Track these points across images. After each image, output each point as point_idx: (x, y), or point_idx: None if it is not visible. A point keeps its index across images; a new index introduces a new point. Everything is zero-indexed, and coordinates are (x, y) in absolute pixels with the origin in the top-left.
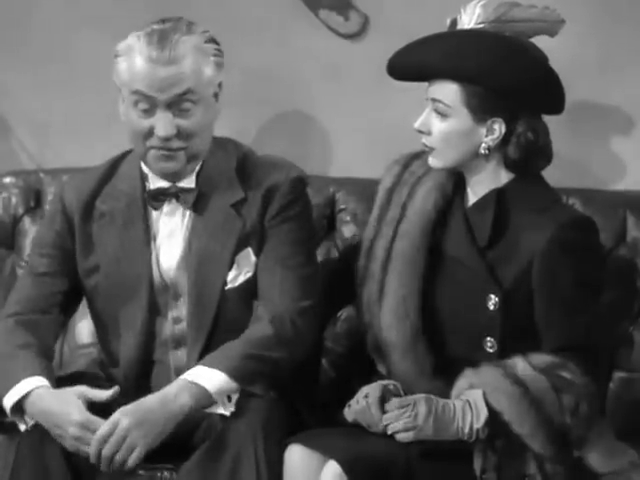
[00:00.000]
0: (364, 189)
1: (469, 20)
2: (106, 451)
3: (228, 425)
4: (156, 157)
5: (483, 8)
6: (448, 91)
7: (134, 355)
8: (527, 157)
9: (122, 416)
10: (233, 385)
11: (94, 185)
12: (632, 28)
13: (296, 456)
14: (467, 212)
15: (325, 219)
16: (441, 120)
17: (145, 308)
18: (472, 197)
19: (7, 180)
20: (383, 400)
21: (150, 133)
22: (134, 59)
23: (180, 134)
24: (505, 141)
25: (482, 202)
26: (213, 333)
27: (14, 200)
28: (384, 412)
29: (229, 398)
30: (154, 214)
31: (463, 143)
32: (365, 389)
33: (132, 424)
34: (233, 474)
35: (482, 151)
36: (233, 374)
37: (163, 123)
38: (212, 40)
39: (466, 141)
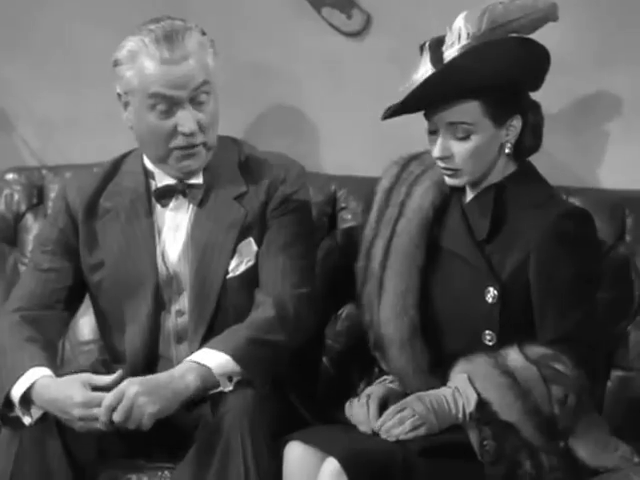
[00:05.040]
0: (366, 187)
1: (457, 37)
2: (117, 417)
3: (218, 422)
4: (180, 157)
5: (465, 20)
6: (469, 110)
7: (140, 350)
8: (539, 139)
9: (129, 384)
10: (236, 368)
11: (97, 184)
12: (633, 24)
13: (295, 453)
14: (465, 207)
15: (326, 217)
16: (464, 141)
17: (150, 303)
18: (470, 193)
19: (10, 177)
20: (385, 402)
21: (173, 133)
22: (143, 63)
23: (200, 127)
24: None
25: (480, 197)
26: (214, 323)
27: (17, 197)
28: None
29: (230, 379)
30: (158, 209)
31: (488, 153)
32: (370, 388)
33: (139, 391)
34: (222, 470)
35: (507, 151)
36: (237, 357)
37: (187, 120)
38: (204, 32)
39: (490, 150)
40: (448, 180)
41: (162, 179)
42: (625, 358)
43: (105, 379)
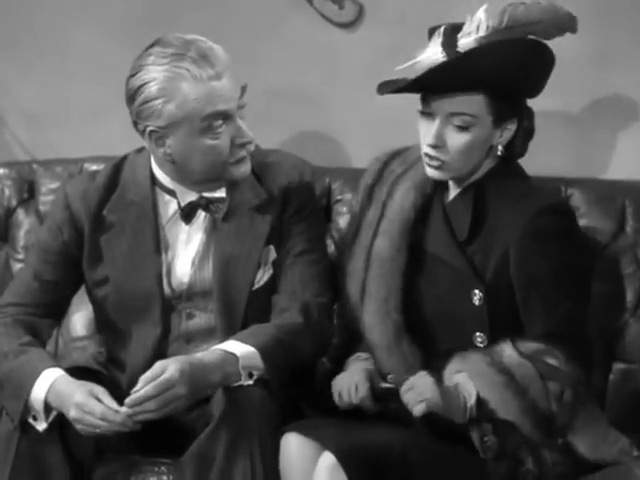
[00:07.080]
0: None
1: (476, 27)
2: (151, 405)
3: (224, 418)
4: (236, 165)
5: (487, 13)
6: (473, 102)
7: (141, 367)
8: (526, 147)
9: (179, 384)
10: (260, 364)
11: (101, 195)
12: (631, 18)
13: (292, 444)
14: (446, 207)
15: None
16: (461, 132)
17: (157, 323)
18: (452, 192)
19: (0, 171)
20: (371, 379)
21: (232, 147)
22: (186, 90)
23: None
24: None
25: (461, 196)
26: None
27: (7, 192)
28: (373, 390)
29: (250, 375)
30: (167, 223)
31: (479, 150)
32: (352, 366)
33: (185, 394)
34: (227, 467)
35: (498, 153)
36: (264, 354)
37: (245, 130)
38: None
39: (482, 148)
40: (431, 172)
41: (185, 197)
42: (626, 351)
43: (111, 402)
